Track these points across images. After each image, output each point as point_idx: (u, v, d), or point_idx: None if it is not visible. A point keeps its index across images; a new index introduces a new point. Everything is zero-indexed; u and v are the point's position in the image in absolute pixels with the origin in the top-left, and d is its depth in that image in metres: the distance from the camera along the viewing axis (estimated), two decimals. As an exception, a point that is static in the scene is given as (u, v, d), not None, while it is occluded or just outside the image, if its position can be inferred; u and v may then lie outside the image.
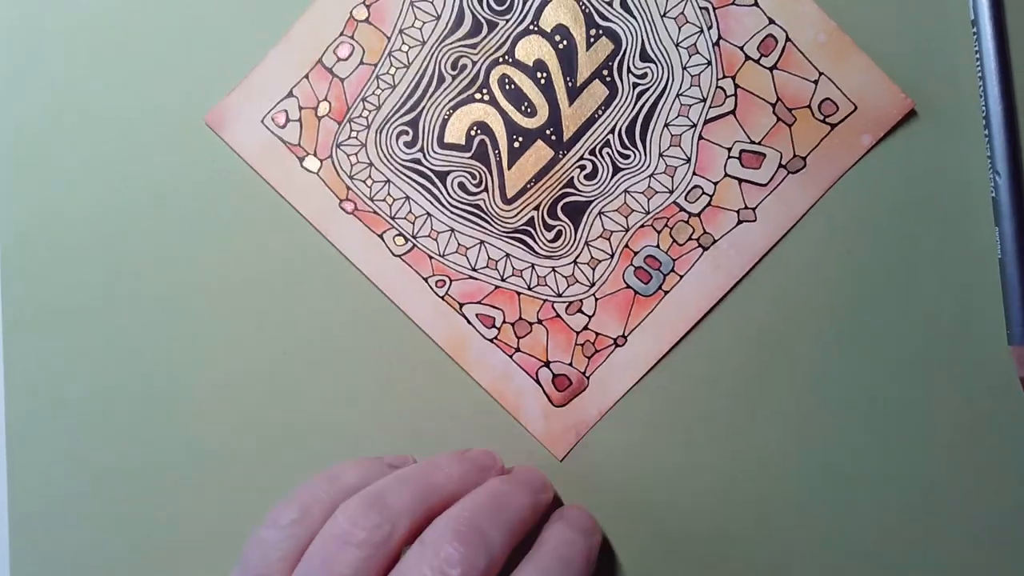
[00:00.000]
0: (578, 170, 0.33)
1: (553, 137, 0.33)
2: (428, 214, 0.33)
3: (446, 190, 0.33)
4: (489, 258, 0.33)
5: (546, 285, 0.33)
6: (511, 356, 0.33)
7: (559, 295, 0.33)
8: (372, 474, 0.29)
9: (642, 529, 0.33)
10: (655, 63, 0.32)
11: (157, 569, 0.34)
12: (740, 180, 0.32)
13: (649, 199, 0.33)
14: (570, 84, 0.33)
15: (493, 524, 0.26)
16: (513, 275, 0.33)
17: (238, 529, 0.31)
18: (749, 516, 0.32)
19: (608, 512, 0.33)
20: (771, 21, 0.32)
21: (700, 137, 0.32)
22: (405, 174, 0.33)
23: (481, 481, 0.29)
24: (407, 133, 0.33)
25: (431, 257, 0.33)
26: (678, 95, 0.32)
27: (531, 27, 0.33)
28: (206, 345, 0.34)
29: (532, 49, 0.33)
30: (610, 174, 0.33)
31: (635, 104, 0.32)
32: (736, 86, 0.32)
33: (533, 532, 0.29)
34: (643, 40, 0.32)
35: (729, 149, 0.32)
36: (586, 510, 0.31)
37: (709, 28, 0.32)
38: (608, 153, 0.33)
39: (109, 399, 0.34)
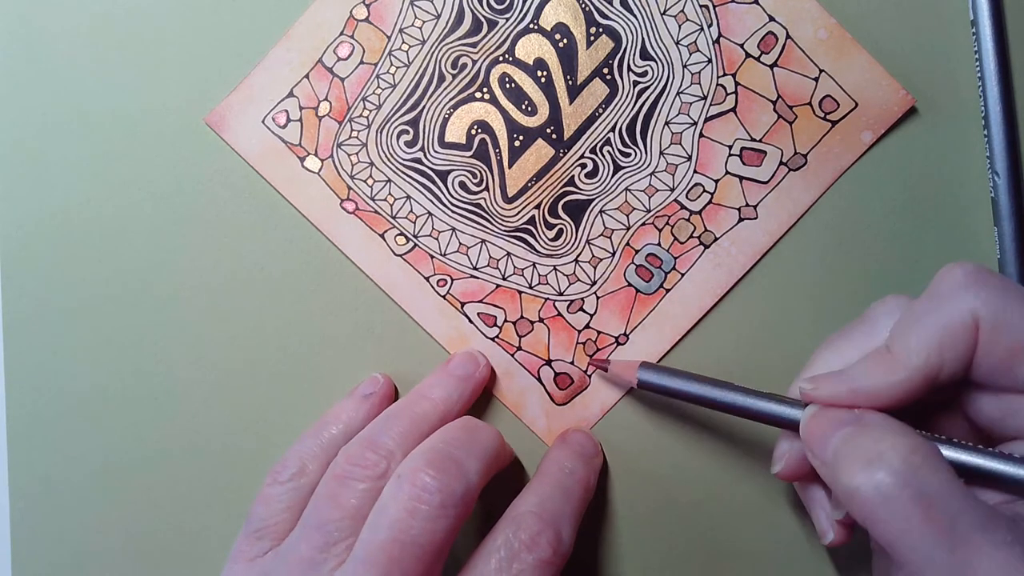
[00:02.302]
0: (579, 168, 0.33)
1: (554, 136, 0.33)
2: (429, 213, 0.33)
3: (447, 189, 0.33)
4: (490, 257, 0.33)
5: (547, 284, 0.33)
6: (513, 355, 0.33)
7: (560, 294, 0.33)
8: (354, 417, 0.31)
9: (642, 529, 0.33)
10: (655, 61, 0.32)
11: (157, 565, 0.34)
12: (741, 178, 0.32)
13: (650, 197, 0.33)
14: (570, 82, 0.33)
15: (467, 453, 0.27)
16: (514, 274, 0.33)
17: (238, 525, 0.31)
18: (750, 514, 0.32)
19: (609, 511, 0.33)
20: (771, 18, 0.32)
21: (701, 135, 0.32)
22: (406, 173, 0.33)
23: (465, 392, 0.31)
24: (408, 132, 0.33)
25: (432, 256, 0.33)
26: (679, 93, 0.32)
27: (531, 26, 0.33)
28: (207, 344, 0.34)
29: (532, 48, 0.33)
30: (611, 172, 0.33)
31: (636, 102, 0.32)
32: (737, 84, 0.32)
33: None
34: (643, 38, 0.32)
35: (730, 147, 0.32)
36: (589, 435, 0.32)
37: (709, 26, 0.32)
38: (609, 151, 0.33)
39: (110, 397, 0.34)
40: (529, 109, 0.33)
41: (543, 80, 0.33)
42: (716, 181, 0.32)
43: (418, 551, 0.25)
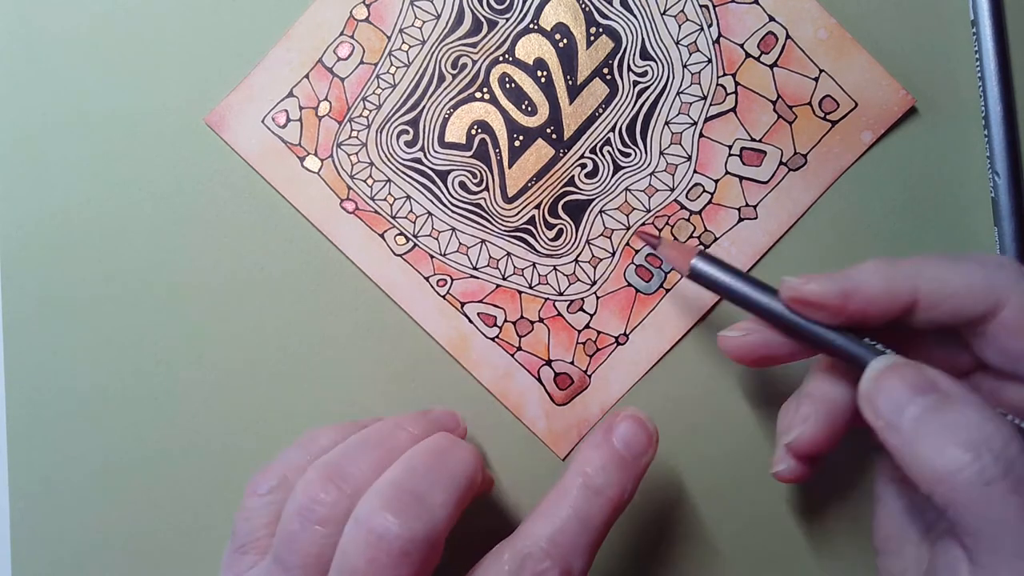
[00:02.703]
0: (579, 168, 0.33)
1: (554, 136, 0.33)
2: (429, 213, 0.33)
3: (447, 189, 0.33)
4: (490, 257, 0.33)
5: (547, 284, 0.33)
6: (513, 355, 0.33)
7: (560, 294, 0.33)
8: (345, 438, 0.28)
9: (643, 529, 0.33)
10: (655, 61, 0.32)
11: (157, 565, 0.34)
12: (741, 178, 0.32)
13: (650, 197, 0.33)
14: (570, 82, 0.33)
15: (432, 484, 0.25)
16: (514, 274, 0.33)
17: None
18: (750, 512, 0.32)
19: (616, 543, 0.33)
20: (771, 18, 0.32)
21: (701, 135, 0.32)
22: (406, 173, 0.33)
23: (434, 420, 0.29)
24: (408, 132, 0.33)
25: (432, 256, 0.33)
26: (679, 93, 0.32)
27: (531, 26, 0.33)
28: (207, 344, 0.34)
29: (532, 48, 0.33)
30: (611, 172, 0.33)
31: (636, 102, 0.32)
32: (737, 84, 0.32)
33: None
34: (643, 38, 0.32)
35: (730, 147, 0.32)
36: (643, 424, 0.27)
37: (709, 26, 0.32)
38: (609, 151, 0.33)
39: (110, 397, 0.34)
40: (529, 109, 0.33)
41: (543, 80, 0.33)
42: (716, 181, 0.32)
43: None
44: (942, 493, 0.22)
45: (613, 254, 0.33)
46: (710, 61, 0.32)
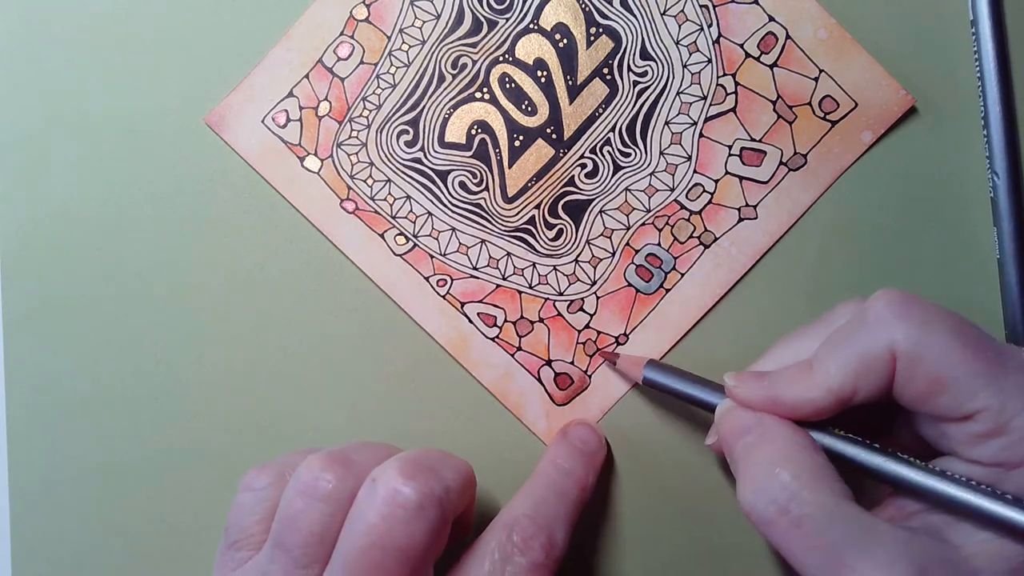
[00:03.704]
0: (579, 168, 0.33)
1: (554, 136, 0.33)
2: (429, 213, 0.33)
3: (447, 189, 0.33)
4: (490, 257, 0.33)
5: (547, 284, 0.33)
6: (513, 355, 0.33)
7: (560, 294, 0.33)
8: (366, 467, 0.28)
9: (643, 528, 0.33)
10: (655, 61, 0.32)
11: (157, 565, 0.34)
12: (741, 178, 0.32)
13: (650, 197, 0.33)
14: (570, 82, 0.33)
15: (441, 464, 0.27)
16: (514, 274, 0.33)
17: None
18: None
19: (610, 510, 0.33)
20: (771, 18, 0.32)
21: (701, 135, 0.32)
22: (406, 173, 0.33)
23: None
24: (408, 132, 0.33)
25: (432, 256, 0.33)
26: (679, 93, 0.32)
27: (531, 26, 0.33)
28: (207, 344, 0.34)
29: (532, 48, 0.33)
30: (611, 172, 0.33)
31: (636, 102, 0.32)
32: (737, 84, 0.32)
33: None
34: (643, 38, 0.32)
35: (730, 147, 0.32)
36: (592, 428, 0.32)
37: (709, 26, 0.32)
38: (609, 151, 0.33)
39: (110, 397, 0.34)
40: (529, 109, 0.33)
41: (543, 80, 0.33)
42: (716, 181, 0.32)
43: (399, 555, 0.24)
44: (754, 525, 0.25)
45: (613, 254, 0.33)
46: (710, 61, 0.32)
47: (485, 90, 0.33)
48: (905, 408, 0.26)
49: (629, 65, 0.32)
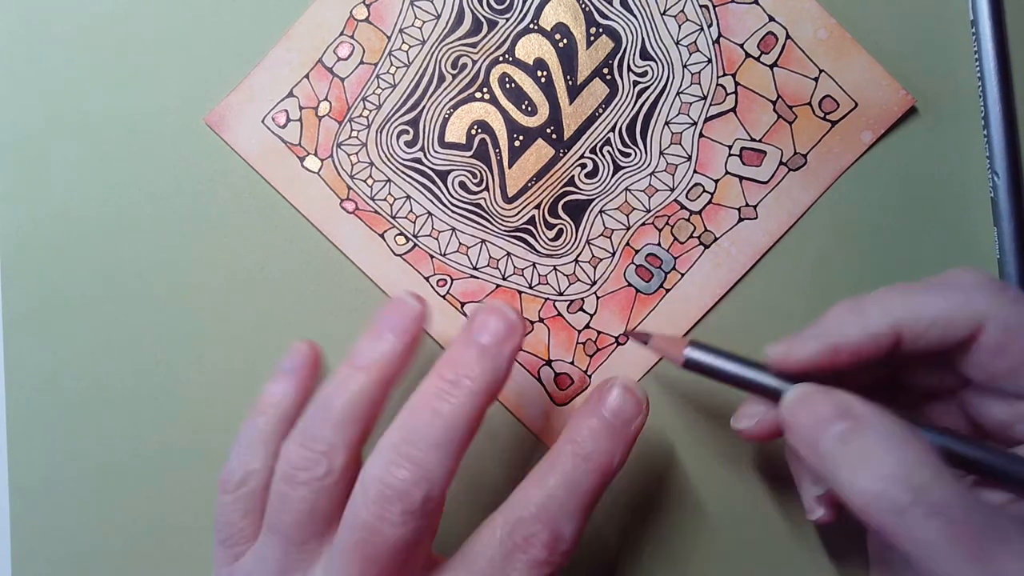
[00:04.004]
0: (579, 168, 0.33)
1: (554, 136, 0.33)
2: (429, 213, 0.33)
3: (447, 189, 0.33)
4: (490, 257, 0.33)
5: (547, 284, 0.33)
6: (513, 355, 0.33)
7: (560, 294, 0.33)
8: (284, 399, 0.30)
9: (643, 528, 0.33)
10: (655, 61, 0.32)
11: (157, 565, 0.34)
12: (741, 178, 0.32)
13: (650, 197, 0.33)
14: (570, 82, 0.33)
15: (430, 445, 0.25)
16: (514, 274, 0.33)
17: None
18: (750, 516, 0.32)
19: (610, 510, 0.33)
20: (771, 18, 0.32)
21: (701, 135, 0.32)
22: (406, 173, 0.33)
23: (398, 348, 0.28)
24: (408, 132, 0.33)
25: (432, 256, 0.33)
26: (678, 93, 0.32)
27: (531, 26, 0.33)
28: (207, 344, 0.34)
29: (532, 48, 0.33)
30: (611, 172, 0.33)
31: (635, 102, 0.32)
32: (737, 84, 0.32)
33: None
34: (643, 38, 0.32)
35: (730, 147, 0.32)
36: (631, 391, 0.28)
37: (709, 26, 0.32)
38: (609, 151, 0.33)
39: (110, 397, 0.34)
40: (529, 109, 0.33)
41: (543, 80, 0.33)
42: (716, 181, 0.32)
43: (391, 550, 0.25)
44: (867, 519, 0.23)
45: (613, 254, 0.33)
46: (710, 61, 0.32)
47: (485, 90, 0.33)
48: (983, 388, 0.26)
49: (629, 65, 0.32)
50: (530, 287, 0.33)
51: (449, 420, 0.26)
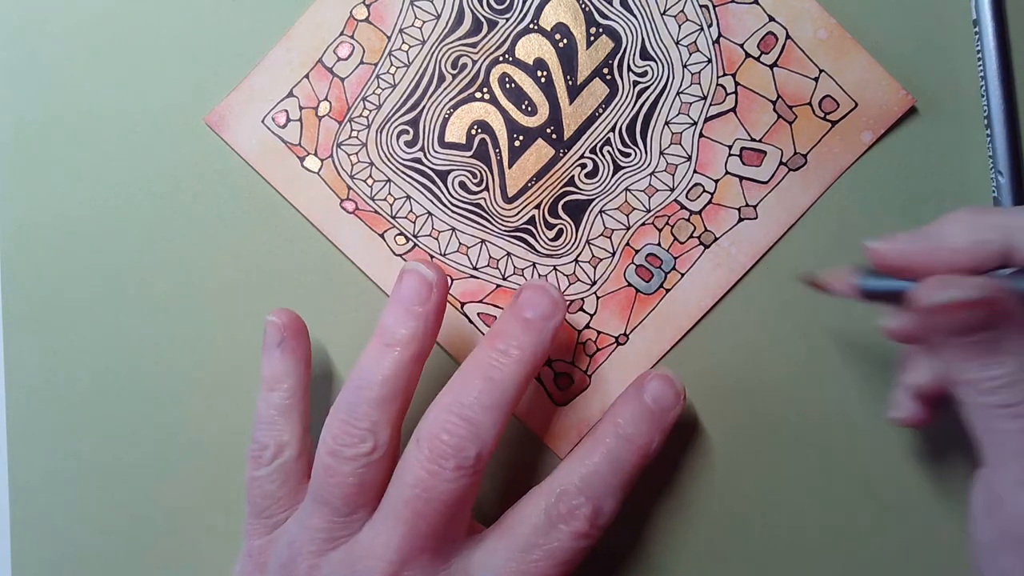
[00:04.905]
0: (579, 168, 0.33)
1: (554, 136, 0.33)
2: (429, 213, 0.33)
3: (447, 189, 0.33)
4: (490, 257, 0.33)
5: (547, 284, 0.33)
6: (512, 355, 0.33)
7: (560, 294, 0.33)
8: (285, 372, 0.30)
9: (644, 529, 0.33)
10: (655, 61, 0.32)
11: (157, 564, 0.34)
12: (741, 178, 0.32)
13: (650, 197, 0.33)
14: (570, 83, 0.33)
15: (483, 408, 0.27)
16: (514, 274, 0.33)
17: (239, 524, 0.31)
18: (749, 514, 0.32)
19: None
20: (771, 18, 0.32)
21: (701, 135, 0.32)
22: (406, 173, 0.33)
23: (429, 325, 0.29)
24: (408, 132, 0.33)
25: (432, 256, 0.33)
26: (678, 93, 0.32)
27: (531, 26, 0.33)
28: (207, 344, 0.34)
29: (532, 48, 0.33)
30: (611, 172, 0.33)
31: (635, 102, 0.32)
32: (737, 84, 0.32)
33: None
34: (643, 38, 0.32)
35: (730, 147, 0.32)
36: (671, 381, 0.30)
37: (709, 26, 0.32)
38: (609, 151, 0.33)
39: (109, 397, 0.34)
40: (529, 109, 0.33)
41: (543, 80, 0.33)
42: (716, 181, 0.32)
43: (440, 506, 0.26)
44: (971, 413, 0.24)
45: (613, 254, 0.33)
46: (710, 61, 0.32)
47: (485, 90, 0.33)
48: None
49: (629, 65, 0.32)
50: (530, 287, 0.33)
51: (500, 384, 0.27)
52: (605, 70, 0.32)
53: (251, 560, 0.30)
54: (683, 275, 0.32)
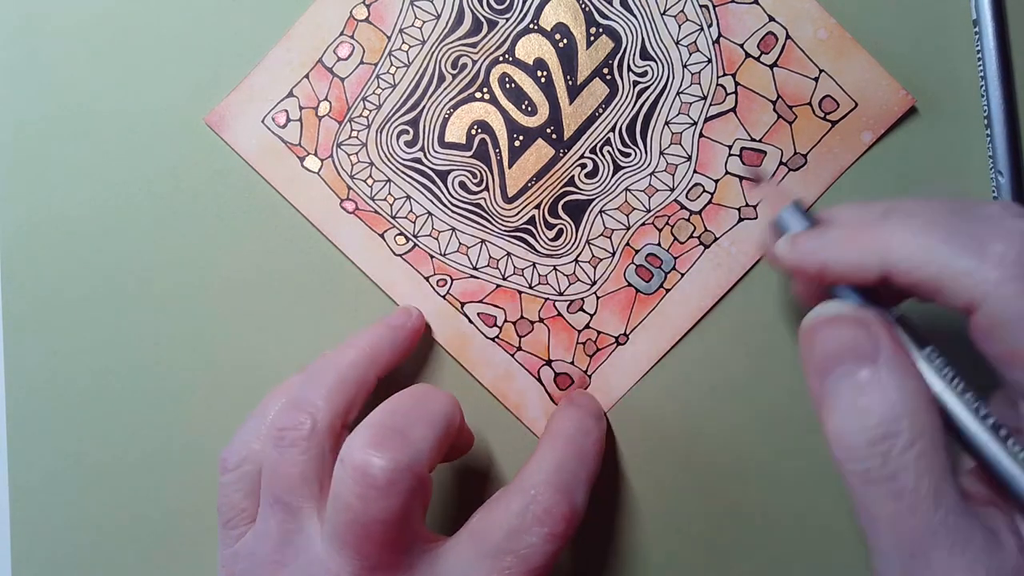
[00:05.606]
0: (579, 168, 0.33)
1: (554, 136, 0.33)
2: (429, 213, 0.33)
3: (447, 189, 0.33)
4: (490, 257, 0.33)
5: (547, 284, 0.33)
6: (513, 355, 0.33)
7: (560, 294, 0.33)
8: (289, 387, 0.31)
9: (642, 530, 0.33)
10: (655, 61, 0.32)
11: (157, 564, 0.34)
12: (741, 178, 0.32)
13: (650, 197, 0.33)
14: (570, 83, 0.33)
15: (412, 421, 0.26)
16: (514, 274, 0.33)
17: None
18: (751, 514, 0.32)
19: (611, 508, 0.33)
20: (771, 18, 0.32)
21: (701, 135, 0.32)
22: (406, 173, 0.33)
23: (396, 340, 0.31)
24: (408, 132, 0.33)
25: (432, 256, 0.33)
26: (678, 93, 0.32)
27: (531, 26, 0.33)
28: (207, 344, 0.34)
29: (532, 48, 0.33)
30: (611, 172, 0.33)
31: (636, 102, 0.32)
32: (737, 84, 0.32)
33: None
34: (643, 38, 0.32)
35: (730, 147, 0.32)
36: (594, 397, 0.32)
37: (709, 26, 0.32)
38: (609, 151, 0.33)
39: (109, 397, 0.34)
40: (529, 109, 0.33)
41: (543, 80, 0.33)
42: (716, 181, 0.32)
43: (381, 526, 0.25)
44: (834, 457, 0.22)
45: (613, 254, 0.33)
46: (710, 61, 0.32)
47: (485, 90, 0.33)
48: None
49: (629, 65, 0.32)
50: (530, 287, 0.33)
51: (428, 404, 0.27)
52: (605, 70, 0.32)
53: (223, 571, 0.29)
54: (683, 275, 0.32)
